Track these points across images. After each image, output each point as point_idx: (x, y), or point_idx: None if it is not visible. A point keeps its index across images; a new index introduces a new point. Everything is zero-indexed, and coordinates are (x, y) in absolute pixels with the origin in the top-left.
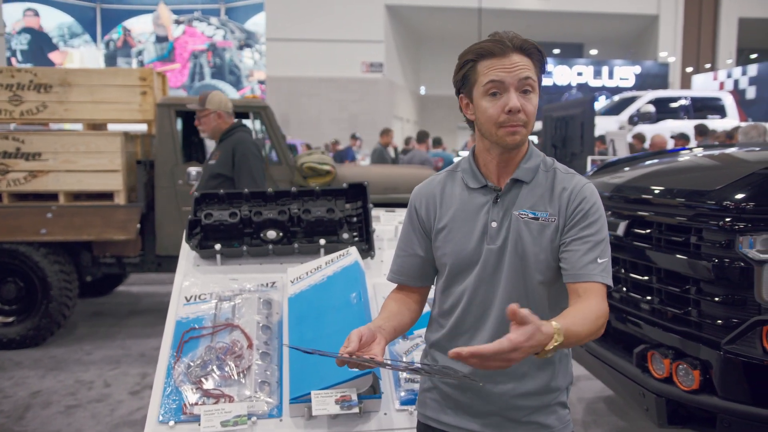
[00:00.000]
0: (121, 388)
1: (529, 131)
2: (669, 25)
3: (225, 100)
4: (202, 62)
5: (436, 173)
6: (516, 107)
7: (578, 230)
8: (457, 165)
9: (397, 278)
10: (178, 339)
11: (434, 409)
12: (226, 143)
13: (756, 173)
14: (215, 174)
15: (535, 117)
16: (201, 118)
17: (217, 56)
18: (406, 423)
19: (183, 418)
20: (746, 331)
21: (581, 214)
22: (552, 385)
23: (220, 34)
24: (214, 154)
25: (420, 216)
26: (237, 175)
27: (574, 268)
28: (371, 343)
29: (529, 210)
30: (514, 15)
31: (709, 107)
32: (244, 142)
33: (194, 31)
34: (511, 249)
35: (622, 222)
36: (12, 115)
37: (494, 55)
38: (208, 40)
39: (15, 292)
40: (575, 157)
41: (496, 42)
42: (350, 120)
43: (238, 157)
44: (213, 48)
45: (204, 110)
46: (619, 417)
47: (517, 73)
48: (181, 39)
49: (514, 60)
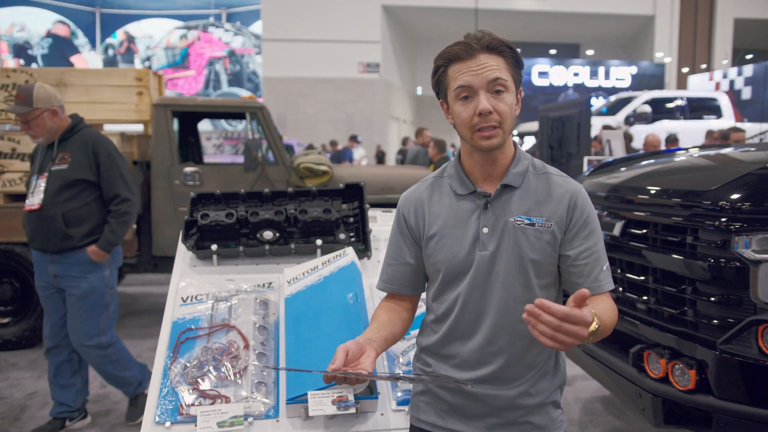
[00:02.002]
0: (117, 390)
1: (507, 131)
2: (665, 25)
3: (53, 92)
4: (218, 69)
5: (422, 179)
6: (486, 109)
7: (581, 240)
8: (444, 170)
9: (388, 287)
10: (174, 339)
11: (427, 413)
12: (73, 143)
13: (751, 173)
14: (73, 180)
15: (511, 116)
16: (30, 121)
17: (235, 63)
18: (402, 423)
19: (179, 419)
20: (742, 330)
21: (581, 222)
22: (546, 385)
23: (239, 41)
24: (58, 157)
25: (409, 224)
26: (106, 180)
27: (586, 282)
28: (360, 356)
29: (524, 216)
30: (510, 15)
31: (705, 108)
32: (101, 140)
33: (210, 38)
34: (506, 255)
35: (618, 222)
36: (7, 116)
37: (461, 58)
38: (226, 47)
39: (10, 293)
40: (571, 157)
41: (463, 45)
42: (347, 120)
43: (104, 158)
44: (231, 54)
45: (32, 111)
46: (615, 417)
47: (485, 75)
48: (196, 45)
49: (481, 61)
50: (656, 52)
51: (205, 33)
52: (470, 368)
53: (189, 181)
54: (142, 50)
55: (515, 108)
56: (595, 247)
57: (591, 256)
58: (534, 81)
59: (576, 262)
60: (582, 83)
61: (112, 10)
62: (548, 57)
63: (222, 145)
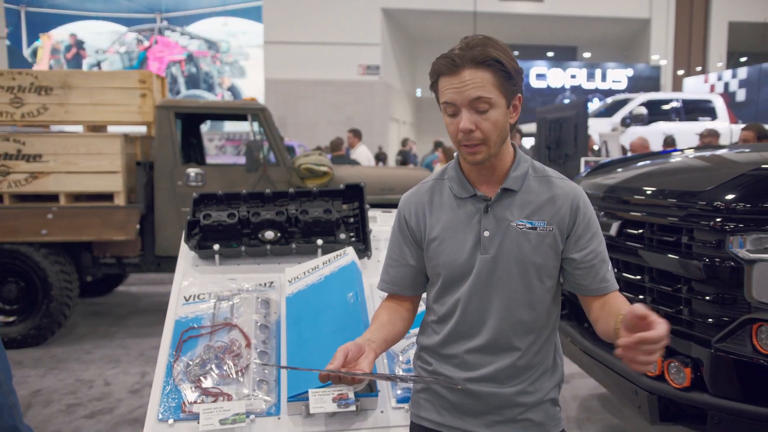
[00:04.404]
0: (121, 387)
1: (493, 146)
2: (661, 28)
3: None
4: (174, 72)
5: (422, 181)
6: (466, 129)
7: (586, 242)
8: (444, 172)
9: (390, 288)
10: (177, 338)
11: (428, 410)
12: None
13: (746, 174)
14: None
15: (497, 131)
16: None
17: (193, 65)
18: (402, 420)
19: (182, 416)
20: (736, 329)
21: (584, 225)
22: (544, 383)
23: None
24: None
25: (410, 226)
26: None
27: (593, 283)
28: (359, 357)
29: (526, 220)
30: (508, 18)
31: (700, 109)
32: None
33: (168, 41)
34: (508, 258)
35: (614, 222)
36: (13, 117)
37: (446, 74)
38: (184, 50)
39: (16, 292)
40: (569, 158)
41: (447, 60)
42: (347, 122)
43: None
44: (190, 58)
45: None
46: (612, 414)
47: (467, 94)
48: (155, 49)
49: (464, 78)
50: (652, 55)
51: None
52: (471, 368)
53: (191, 181)
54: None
55: (510, 118)
56: (599, 248)
57: (597, 257)
58: (532, 83)
59: (582, 264)
60: (579, 85)
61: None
62: (546, 59)
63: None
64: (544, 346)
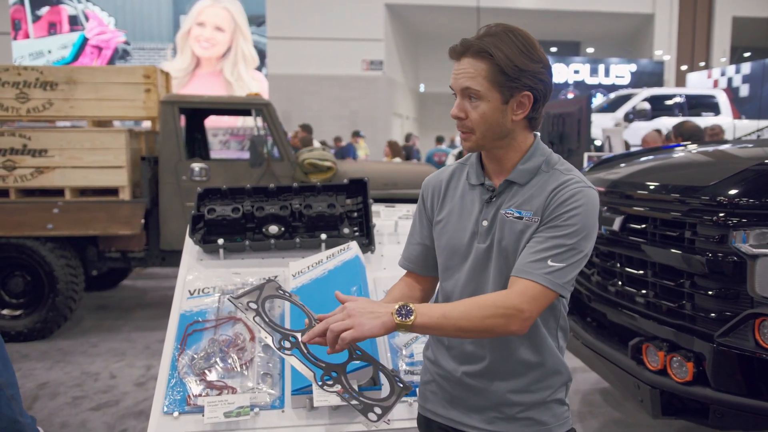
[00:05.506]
0: (126, 380)
1: (480, 138)
2: (664, 23)
3: None
4: None
5: (446, 166)
6: (453, 114)
7: (546, 229)
8: (468, 158)
9: (406, 264)
10: (182, 332)
11: (434, 402)
12: None
13: (749, 169)
14: None
15: (484, 125)
16: None
17: None
18: (405, 414)
19: (187, 409)
20: (739, 323)
21: (557, 214)
22: (544, 382)
23: None
24: None
25: (426, 206)
26: None
27: (519, 263)
28: None
29: (515, 209)
30: (511, 13)
31: (704, 105)
32: None
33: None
34: (499, 248)
35: (617, 217)
36: (19, 113)
37: (452, 59)
38: None
39: (22, 286)
40: (572, 153)
41: (455, 46)
42: (350, 117)
43: None
44: None
45: None
46: (614, 408)
47: (459, 82)
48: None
49: (462, 66)
50: (655, 50)
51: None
52: (465, 361)
53: (196, 176)
54: None
55: (514, 115)
56: (555, 240)
57: (542, 243)
58: None
59: (528, 243)
60: (582, 81)
61: None
62: (549, 55)
63: (228, 141)
64: (541, 344)
